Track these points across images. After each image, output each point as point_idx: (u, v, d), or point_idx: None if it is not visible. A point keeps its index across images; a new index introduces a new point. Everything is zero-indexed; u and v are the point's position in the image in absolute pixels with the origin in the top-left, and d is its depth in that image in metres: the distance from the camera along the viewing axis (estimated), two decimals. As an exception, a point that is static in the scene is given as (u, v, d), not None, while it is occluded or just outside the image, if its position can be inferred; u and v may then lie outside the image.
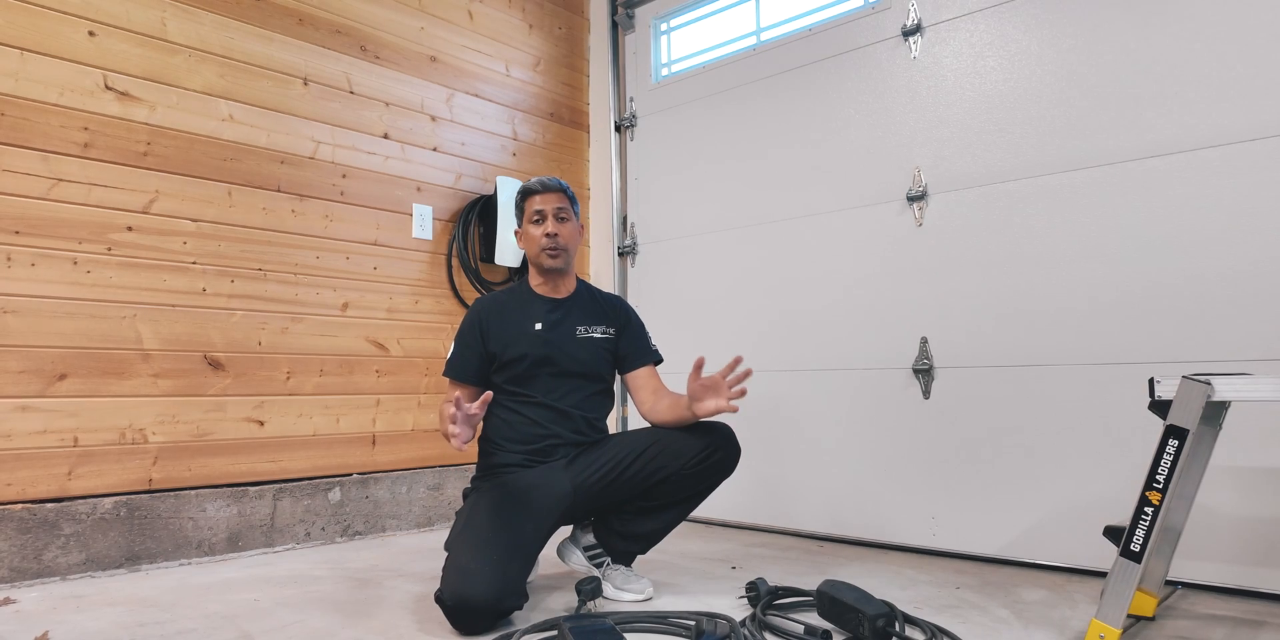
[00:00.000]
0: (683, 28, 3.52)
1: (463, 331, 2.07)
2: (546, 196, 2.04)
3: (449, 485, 3.01)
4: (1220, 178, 2.10)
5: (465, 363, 2.04)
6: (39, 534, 2.13)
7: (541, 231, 2.02)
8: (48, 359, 2.18)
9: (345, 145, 2.83)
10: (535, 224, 2.04)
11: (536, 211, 2.03)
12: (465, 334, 2.06)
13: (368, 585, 2.11)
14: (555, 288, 2.10)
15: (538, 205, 2.03)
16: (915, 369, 2.60)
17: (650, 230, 3.48)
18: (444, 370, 2.07)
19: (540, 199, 2.04)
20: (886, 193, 2.72)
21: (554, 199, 2.04)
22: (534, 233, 2.04)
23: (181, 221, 2.43)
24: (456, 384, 2.05)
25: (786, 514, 2.90)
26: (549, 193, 2.04)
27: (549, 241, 2.02)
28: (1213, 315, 2.08)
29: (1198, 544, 2.05)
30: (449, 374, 2.06)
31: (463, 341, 2.06)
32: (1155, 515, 1.50)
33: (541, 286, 2.10)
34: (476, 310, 2.07)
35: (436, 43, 3.15)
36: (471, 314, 2.07)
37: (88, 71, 2.28)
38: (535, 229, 2.03)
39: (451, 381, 2.06)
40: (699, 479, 1.95)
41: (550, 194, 2.04)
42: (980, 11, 2.54)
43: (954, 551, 2.48)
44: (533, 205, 2.04)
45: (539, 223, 2.03)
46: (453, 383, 2.06)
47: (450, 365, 2.06)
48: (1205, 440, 1.68)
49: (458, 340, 2.07)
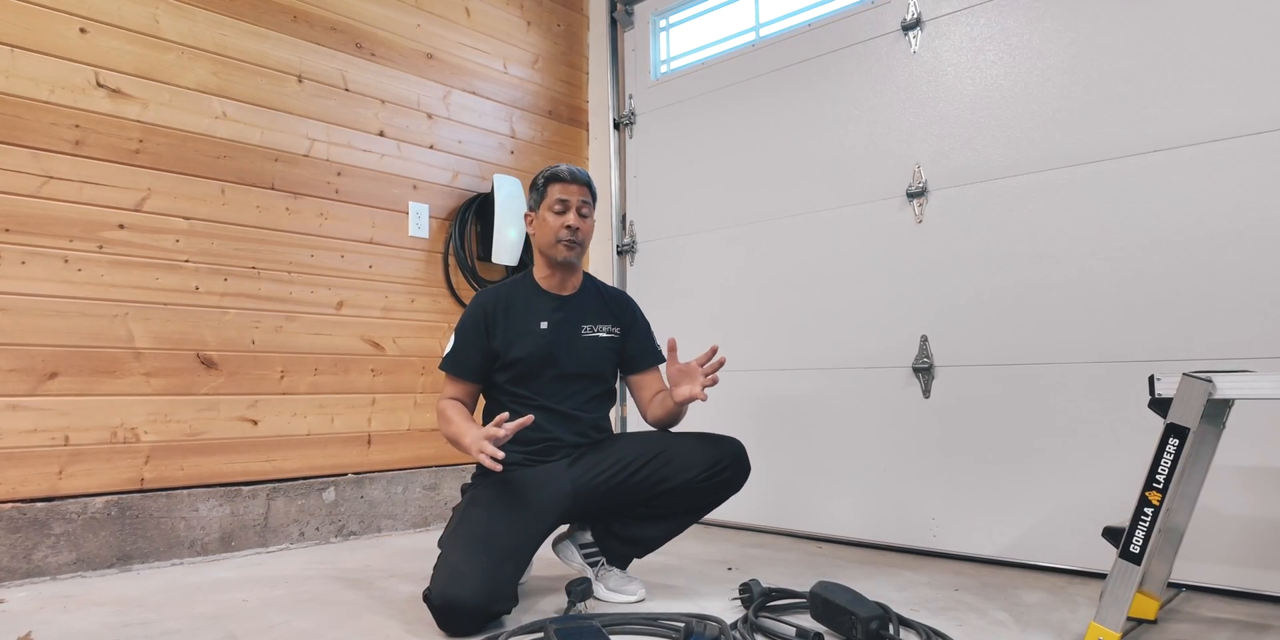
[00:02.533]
0: (682, 24, 3.49)
1: (465, 325, 1.97)
2: (572, 187, 1.96)
3: (445, 485, 2.99)
4: (1224, 172, 2.06)
5: (467, 358, 1.96)
6: (29, 533, 2.11)
7: (562, 223, 1.94)
8: (38, 357, 2.17)
9: (340, 143, 2.82)
10: (556, 213, 1.95)
11: (560, 200, 1.95)
12: (468, 328, 1.97)
13: (359, 586, 2.09)
14: (562, 283, 2.03)
15: (562, 194, 1.95)
16: (915, 368, 2.56)
17: (649, 228, 3.45)
18: (441, 364, 1.98)
19: (565, 188, 1.96)
20: (886, 189, 2.68)
21: (579, 191, 1.97)
22: (553, 222, 1.95)
23: (174, 219, 2.42)
24: (455, 380, 1.97)
25: (786, 515, 2.87)
26: (576, 184, 1.97)
27: (569, 234, 1.94)
28: (1218, 312, 2.04)
29: (1202, 545, 2.01)
30: (449, 369, 1.97)
31: (464, 336, 1.97)
32: (1155, 516, 1.47)
33: (548, 280, 2.03)
34: (480, 304, 1.98)
35: (433, 40, 3.13)
36: (475, 307, 1.98)
37: (79, 68, 2.27)
38: (555, 219, 1.95)
39: (449, 377, 1.98)
40: (704, 494, 1.91)
41: (578, 185, 1.97)
42: (980, 5, 2.51)
43: (954, 553, 2.45)
44: (556, 193, 1.96)
45: (561, 213, 1.95)
46: (450, 378, 1.98)
47: (450, 360, 1.97)
48: (1208, 439, 1.64)
49: (459, 334, 1.98)
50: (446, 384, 1.99)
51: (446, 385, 1.99)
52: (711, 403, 3.10)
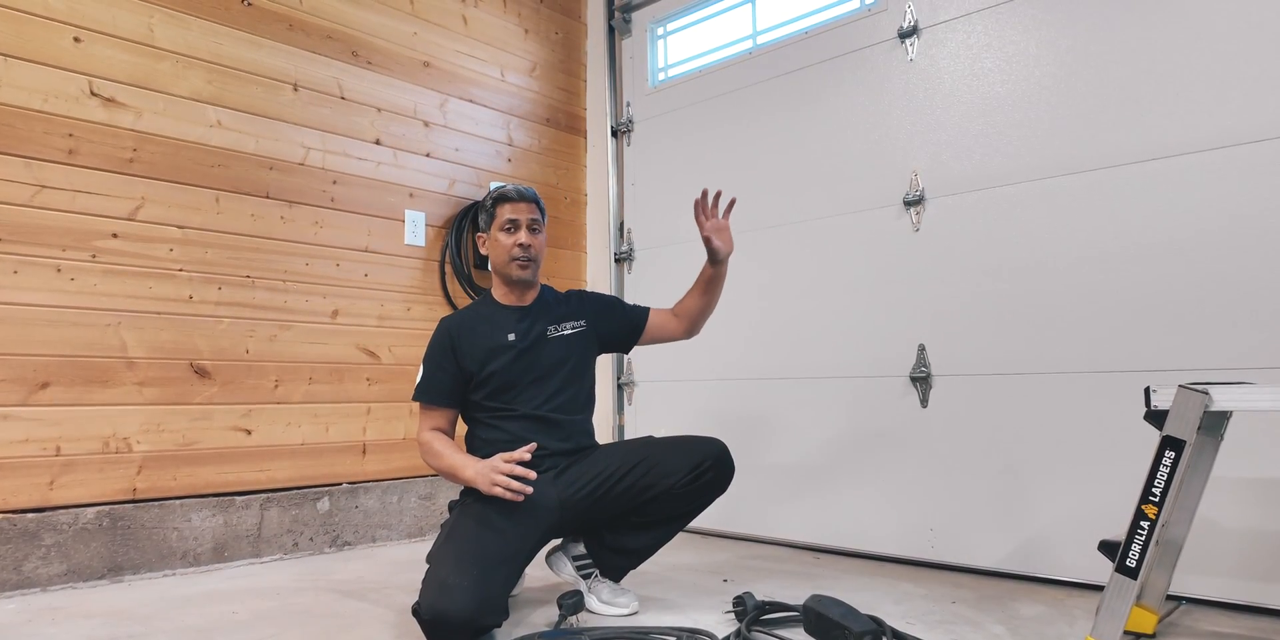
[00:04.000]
0: (679, 32, 3.49)
1: (433, 354, 1.99)
2: (520, 206, 2.00)
3: (441, 495, 2.97)
4: (1223, 180, 2.04)
5: (439, 384, 1.97)
6: (19, 544, 2.10)
7: (514, 241, 1.98)
8: (30, 367, 2.16)
9: (336, 151, 2.81)
10: (507, 232, 1.99)
11: (510, 220, 1.99)
12: (436, 356, 1.98)
13: (351, 598, 2.07)
14: (521, 296, 2.06)
15: (510, 214, 1.99)
16: (913, 377, 2.54)
17: (647, 236, 3.44)
18: (415, 395, 1.98)
19: (514, 208, 2.00)
20: (883, 197, 2.67)
21: (528, 209, 2.01)
22: (505, 241, 1.99)
23: (168, 228, 2.41)
24: (430, 409, 1.97)
25: (783, 525, 2.84)
26: (524, 202, 2.01)
27: (521, 252, 1.98)
28: (1217, 322, 2.02)
29: (1202, 557, 1.99)
30: (424, 399, 1.97)
31: (434, 363, 1.98)
32: (1152, 529, 1.45)
33: (507, 297, 2.06)
34: (445, 330, 2.00)
35: (430, 48, 3.12)
36: (439, 335, 2.00)
37: (73, 77, 2.27)
38: (507, 238, 1.99)
39: (425, 407, 1.97)
40: (690, 498, 1.92)
41: (525, 203, 2.01)
42: (977, 12, 2.50)
43: (952, 564, 2.42)
44: (505, 213, 2.00)
45: (511, 232, 1.99)
46: (426, 408, 1.97)
47: (422, 390, 1.97)
48: (1206, 451, 1.62)
49: (427, 361, 1.99)
50: (423, 415, 1.98)
51: (423, 417, 1.98)
52: (708, 411, 3.08)
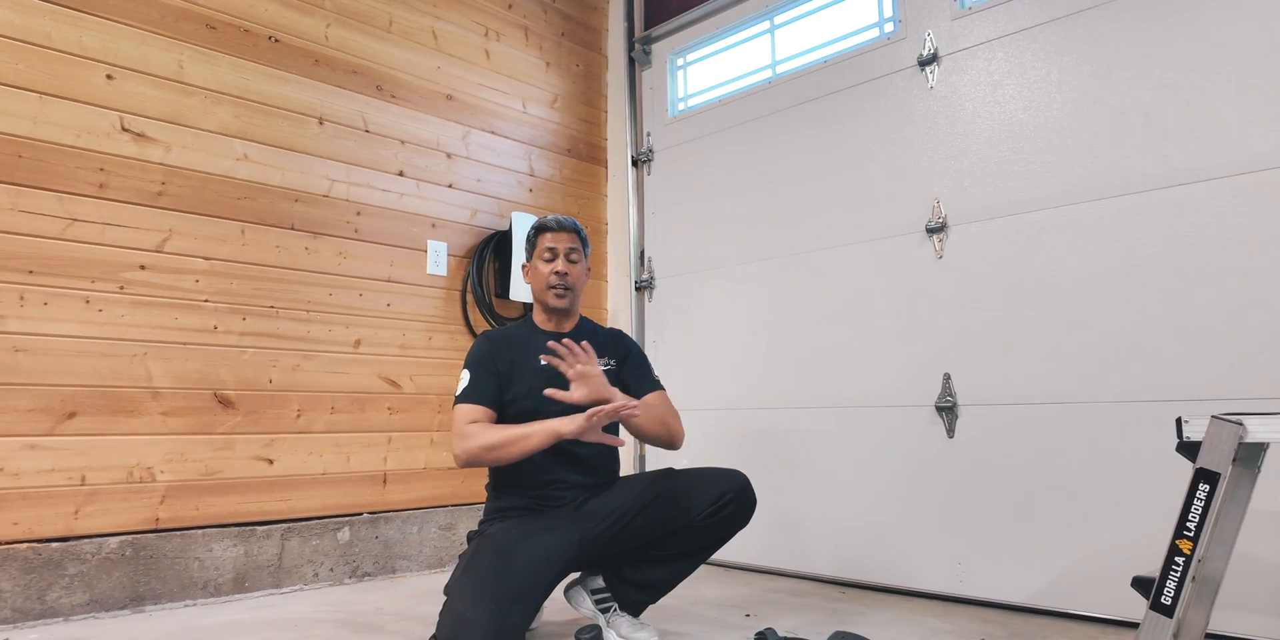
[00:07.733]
0: (699, 62, 3.52)
1: (477, 360, 1.96)
2: (560, 235, 2.04)
3: (461, 525, 2.95)
4: (1253, 206, 2.00)
5: (487, 386, 1.91)
6: (43, 574, 2.11)
7: (551, 270, 2.01)
8: (57, 397, 2.19)
9: (360, 183, 2.85)
10: (546, 262, 2.03)
11: (549, 249, 2.02)
12: (482, 360, 1.96)
13: (369, 630, 2.06)
14: (560, 324, 2.09)
15: (550, 243, 2.03)
16: (938, 407, 2.50)
17: (667, 264, 3.44)
18: (460, 398, 1.90)
19: (554, 237, 2.03)
20: (905, 224, 2.65)
21: (567, 239, 2.04)
22: (544, 270, 2.03)
23: (194, 260, 2.45)
24: (475, 409, 1.87)
25: (807, 558, 2.79)
26: (563, 232, 2.04)
27: (558, 280, 2.01)
28: (1251, 350, 1.97)
29: (1242, 594, 1.92)
30: (471, 400, 1.88)
31: (480, 367, 1.94)
32: (1187, 565, 1.40)
33: (546, 323, 2.09)
34: (489, 338, 2.02)
35: (453, 81, 3.17)
36: (484, 342, 2.01)
37: (105, 114, 2.32)
38: (545, 266, 2.02)
39: (469, 408, 1.87)
40: (711, 532, 1.89)
41: (565, 233, 2.04)
42: (997, 39, 2.49)
43: (981, 599, 2.36)
44: (545, 242, 2.04)
45: (550, 261, 2.02)
46: (470, 409, 1.87)
47: (469, 393, 1.89)
48: (1242, 483, 1.57)
49: (473, 367, 1.94)
50: (464, 417, 1.88)
51: (465, 417, 1.88)
52: (729, 441, 3.05)
